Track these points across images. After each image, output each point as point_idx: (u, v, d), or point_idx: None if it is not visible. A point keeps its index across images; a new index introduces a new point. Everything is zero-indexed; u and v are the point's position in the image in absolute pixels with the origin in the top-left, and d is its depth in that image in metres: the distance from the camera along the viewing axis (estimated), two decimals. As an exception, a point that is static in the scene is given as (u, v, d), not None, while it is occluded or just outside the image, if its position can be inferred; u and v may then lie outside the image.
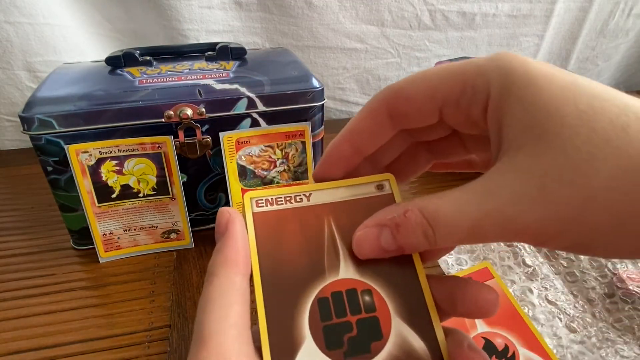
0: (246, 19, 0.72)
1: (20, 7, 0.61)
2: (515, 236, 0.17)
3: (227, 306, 0.18)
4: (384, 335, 0.20)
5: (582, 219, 0.15)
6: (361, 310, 0.20)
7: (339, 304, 0.20)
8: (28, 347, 0.40)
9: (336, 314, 0.20)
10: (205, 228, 0.53)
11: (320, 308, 0.20)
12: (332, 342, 0.19)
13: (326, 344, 0.19)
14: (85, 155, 0.44)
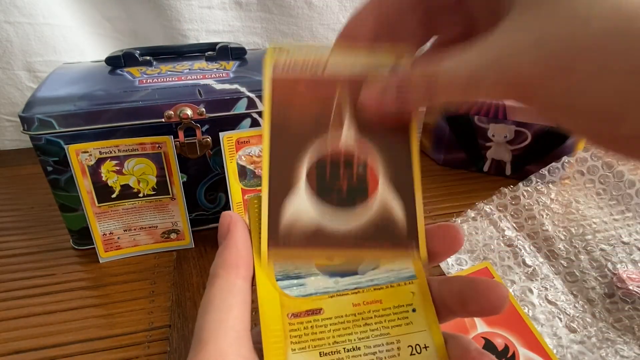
0: (246, 19, 0.72)
1: (20, 7, 0.61)
2: (507, 87, 0.17)
3: (227, 309, 0.19)
4: (369, 198, 0.21)
5: (572, 66, 0.15)
6: (353, 178, 0.22)
7: (335, 169, 0.22)
8: (28, 347, 0.40)
9: (331, 177, 0.22)
10: (205, 228, 0.53)
11: (318, 168, 0.21)
12: (323, 192, 0.21)
13: (318, 192, 0.21)
14: (85, 155, 0.44)
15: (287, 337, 0.20)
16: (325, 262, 0.22)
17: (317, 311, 0.21)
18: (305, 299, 0.21)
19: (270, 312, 0.20)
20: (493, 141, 0.62)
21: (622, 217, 0.53)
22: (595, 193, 0.55)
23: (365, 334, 0.20)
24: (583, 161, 0.55)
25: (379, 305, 0.21)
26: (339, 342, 0.20)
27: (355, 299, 0.21)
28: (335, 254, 0.21)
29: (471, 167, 0.65)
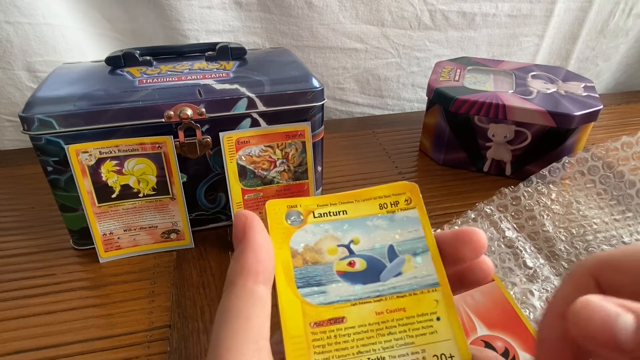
0: (246, 19, 0.72)
1: (20, 7, 0.61)
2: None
3: (246, 319, 0.17)
4: None
5: None
6: None
7: None
8: (28, 347, 0.40)
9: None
10: (205, 228, 0.53)
11: None
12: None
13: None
14: (85, 155, 0.44)
15: (310, 347, 0.20)
16: (346, 268, 0.21)
17: (340, 320, 0.20)
18: (328, 307, 0.20)
19: (293, 321, 0.20)
20: (493, 141, 0.62)
21: (623, 217, 0.53)
22: (595, 193, 0.55)
23: (390, 344, 0.20)
24: (584, 161, 0.55)
25: (403, 313, 0.21)
26: (363, 352, 0.20)
27: (378, 307, 0.21)
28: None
29: (471, 167, 0.65)
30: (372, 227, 0.22)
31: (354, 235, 0.22)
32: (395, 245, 0.22)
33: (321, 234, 0.22)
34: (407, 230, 0.22)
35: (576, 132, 0.59)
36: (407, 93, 0.86)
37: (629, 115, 0.84)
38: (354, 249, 0.22)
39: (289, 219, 0.22)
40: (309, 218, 0.22)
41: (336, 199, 0.23)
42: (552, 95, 0.61)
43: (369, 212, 0.23)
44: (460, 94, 0.60)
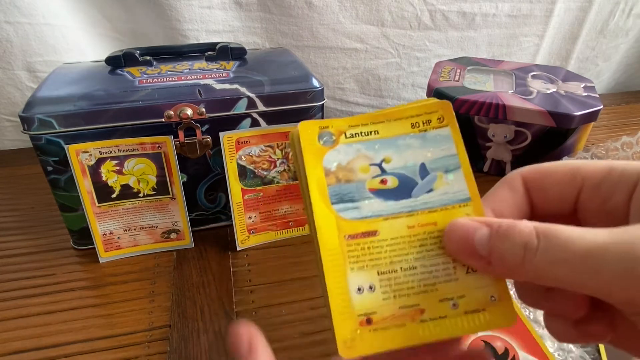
0: (246, 19, 0.72)
1: (20, 7, 0.61)
2: (634, 282, 0.15)
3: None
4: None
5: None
6: None
7: None
8: (28, 347, 0.40)
9: None
10: (205, 228, 0.53)
11: None
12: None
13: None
14: (85, 155, 0.44)
15: (346, 257, 0.21)
16: (378, 185, 0.22)
17: (373, 233, 0.21)
18: (361, 222, 0.21)
19: (329, 234, 0.21)
20: (493, 141, 0.62)
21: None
22: (595, 193, 0.55)
23: (421, 254, 0.21)
24: (583, 161, 0.55)
25: (434, 227, 0.21)
26: (396, 261, 0.21)
27: (410, 221, 0.21)
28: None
29: (471, 167, 0.65)
30: (404, 145, 0.23)
31: (385, 154, 0.23)
32: (427, 163, 0.23)
33: (353, 154, 0.22)
34: (439, 148, 0.23)
35: (576, 132, 0.59)
36: (407, 93, 0.86)
37: (629, 115, 0.84)
38: (385, 167, 0.22)
39: (321, 139, 0.23)
40: (341, 138, 0.23)
41: (368, 119, 0.23)
42: (552, 95, 0.61)
43: (401, 131, 0.23)
44: (460, 94, 0.60)
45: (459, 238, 0.19)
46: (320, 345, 0.40)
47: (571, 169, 0.20)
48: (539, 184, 0.21)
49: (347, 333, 0.20)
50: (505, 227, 0.18)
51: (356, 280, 0.21)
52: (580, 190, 0.20)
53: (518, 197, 0.21)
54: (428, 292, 0.21)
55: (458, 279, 0.21)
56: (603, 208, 0.19)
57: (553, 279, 0.17)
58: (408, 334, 0.20)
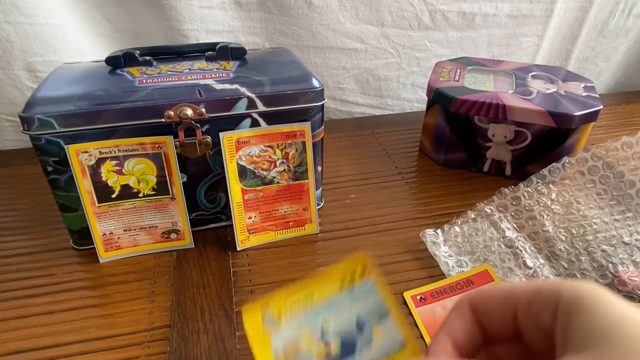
0: (246, 19, 0.72)
1: (20, 7, 0.61)
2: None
3: None
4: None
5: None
6: None
7: None
8: (28, 347, 0.40)
9: None
10: (205, 228, 0.53)
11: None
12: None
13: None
14: (85, 155, 0.44)
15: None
16: (324, 353, 0.23)
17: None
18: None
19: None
20: (493, 141, 0.62)
21: (623, 217, 0.53)
22: (595, 193, 0.55)
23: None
24: (583, 161, 0.55)
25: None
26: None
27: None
28: None
29: (471, 167, 0.65)
30: (338, 306, 0.24)
31: (324, 317, 0.24)
32: (362, 314, 0.24)
33: (296, 330, 0.24)
34: (367, 299, 0.24)
35: (576, 132, 0.59)
36: (407, 93, 0.86)
37: (629, 115, 0.84)
38: (326, 331, 0.24)
39: (265, 322, 0.24)
40: (283, 317, 0.25)
41: (303, 286, 0.25)
42: (552, 96, 0.61)
43: (332, 289, 0.25)
44: (460, 94, 0.60)
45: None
46: (320, 345, 0.40)
47: (506, 291, 0.21)
48: (482, 308, 0.22)
49: None
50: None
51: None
52: (515, 311, 0.21)
53: (468, 323, 0.23)
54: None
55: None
56: (538, 328, 0.20)
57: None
58: None
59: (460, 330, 0.23)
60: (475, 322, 0.23)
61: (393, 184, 0.63)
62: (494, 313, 0.22)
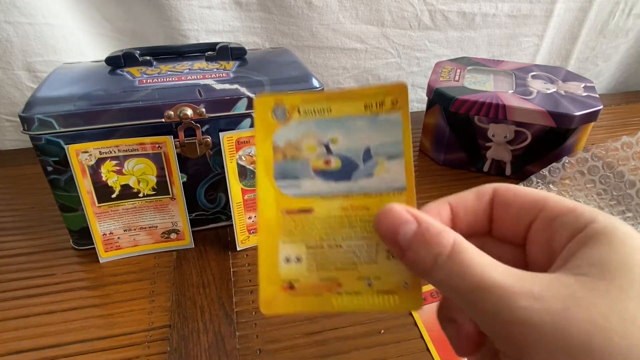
0: (246, 19, 0.72)
1: (20, 7, 0.61)
2: (509, 327, 0.16)
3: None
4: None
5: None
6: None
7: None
8: (28, 347, 0.40)
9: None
10: (205, 228, 0.53)
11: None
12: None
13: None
14: (85, 155, 0.44)
15: (280, 229, 0.23)
16: (322, 166, 0.23)
17: (309, 210, 0.23)
18: (299, 199, 0.23)
19: (267, 207, 0.23)
20: (493, 141, 0.62)
21: (623, 217, 0.53)
22: (595, 193, 0.55)
23: (349, 235, 0.23)
24: (583, 161, 0.55)
25: (366, 211, 0.23)
26: (325, 239, 0.23)
27: (345, 203, 0.23)
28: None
29: (471, 167, 0.65)
30: (354, 127, 0.23)
31: (334, 134, 0.23)
32: (372, 148, 0.23)
33: (303, 132, 0.23)
34: (386, 134, 0.23)
35: (576, 132, 0.59)
36: (407, 93, 0.86)
37: (629, 115, 0.84)
38: (332, 148, 0.23)
39: (274, 114, 0.23)
40: (294, 115, 0.23)
41: (323, 97, 0.23)
42: (552, 96, 0.61)
43: (353, 112, 0.23)
44: (460, 94, 0.60)
45: (387, 223, 0.20)
46: (320, 345, 0.40)
47: (538, 196, 0.20)
48: (504, 201, 0.21)
49: (270, 294, 0.23)
50: (429, 234, 0.19)
51: (286, 252, 0.23)
52: (535, 218, 0.20)
53: (481, 207, 0.22)
54: (348, 269, 0.23)
55: (378, 262, 0.22)
56: (549, 245, 0.19)
57: (448, 295, 0.19)
58: (323, 302, 0.22)
59: (468, 208, 0.22)
60: (488, 211, 0.22)
61: (393, 184, 0.63)
62: (513, 211, 0.21)
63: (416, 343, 0.40)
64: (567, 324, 0.15)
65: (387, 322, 0.42)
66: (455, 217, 0.22)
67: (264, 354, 0.39)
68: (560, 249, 0.18)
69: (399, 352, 0.39)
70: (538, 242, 0.20)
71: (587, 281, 0.16)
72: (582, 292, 0.16)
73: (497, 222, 0.22)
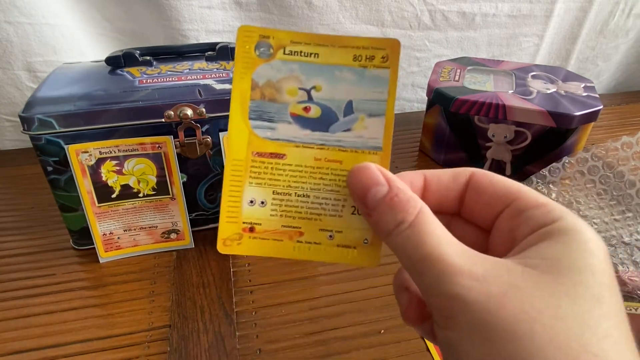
0: (246, 19, 0.72)
1: (20, 7, 0.61)
2: (446, 302, 0.17)
3: None
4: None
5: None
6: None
7: None
8: (28, 347, 0.40)
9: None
10: (205, 228, 0.53)
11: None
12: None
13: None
14: (85, 155, 0.44)
15: (248, 171, 0.22)
16: (300, 112, 0.22)
17: (281, 156, 0.22)
18: (272, 143, 0.22)
19: (237, 147, 0.22)
20: (493, 141, 0.62)
21: (623, 217, 0.53)
22: (595, 193, 0.55)
23: (318, 187, 0.22)
24: (583, 161, 0.55)
25: (338, 165, 0.23)
26: (293, 186, 0.22)
27: (318, 154, 0.23)
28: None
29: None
30: (339, 78, 0.22)
31: (318, 81, 0.22)
32: (355, 102, 0.23)
33: (286, 73, 0.22)
34: (372, 89, 0.23)
35: (576, 132, 0.59)
36: (407, 93, 0.86)
37: (629, 115, 0.84)
38: (313, 95, 0.23)
39: (258, 49, 0.22)
40: (279, 53, 0.22)
41: (312, 39, 0.22)
42: (552, 96, 0.61)
43: (341, 61, 0.22)
44: (460, 94, 0.60)
45: (360, 181, 0.21)
46: (320, 345, 0.40)
47: (514, 188, 0.21)
48: (480, 186, 0.22)
49: (228, 234, 0.22)
50: (397, 199, 0.19)
51: (251, 194, 0.22)
52: (505, 208, 0.21)
53: (455, 187, 0.22)
54: (312, 220, 0.23)
55: (342, 216, 0.23)
56: (511, 234, 0.20)
57: (400, 259, 0.19)
58: (282, 248, 0.22)
59: (442, 185, 0.22)
60: (461, 193, 0.22)
61: (393, 184, 0.63)
62: (486, 197, 0.21)
63: (416, 343, 0.40)
64: (499, 308, 0.16)
65: (387, 322, 0.42)
66: (427, 190, 0.22)
67: (264, 354, 0.39)
68: (521, 239, 0.19)
69: (399, 352, 0.39)
70: (503, 229, 0.21)
71: (533, 273, 0.16)
72: (524, 282, 0.16)
73: (468, 204, 0.22)
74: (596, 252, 0.17)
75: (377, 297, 0.44)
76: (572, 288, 0.16)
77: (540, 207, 0.19)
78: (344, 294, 0.45)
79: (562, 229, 0.18)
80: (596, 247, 0.17)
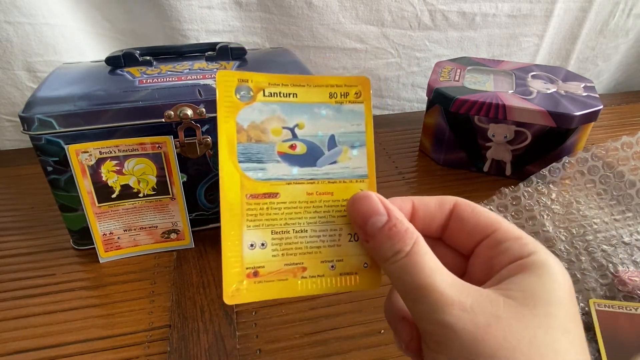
0: (246, 19, 0.72)
1: (20, 7, 0.61)
2: (438, 329, 0.19)
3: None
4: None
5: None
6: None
7: None
8: (28, 347, 0.40)
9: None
10: (205, 228, 0.53)
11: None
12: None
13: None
14: (85, 155, 0.44)
15: (244, 214, 0.22)
16: (287, 150, 0.23)
17: (274, 195, 0.23)
18: (264, 183, 0.23)
19: (231, 191, 0.22)
20: (493, 141, 0.62)
21: (623, 217, 0.53)
22: (595, 193, 0.55)
23: (314, 220, 0.23)
24: (584, 161, 0.55)
25: (330, 197, 0.23)
26: (290, 223, 0.23)
27: (310, 188, 0.23)
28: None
29: (471, 167, 0.65)
30: (319, 114, 0.24)
31: (300, 119, 0.23)
32: (337, 136, 0.24)
33: (268, 114, 0.23)
34: (350, 122, 0.24)
35: (576, 132, 0.59)
36: (407, 93, 0.86)
37: (629, 115, 0.84)
38: (297, 133, 0.23)
39: (238, 93, 0.23)
40: (259, 95, 0.23)
41: (289, 80, 0.23)
42: (552, 95, 0.61)
43: (318, 99, 0.24)
44: (460, 94, 0.60)
45: (361, 209, 0.22)
46: (320, 345, 0.40)
47: (494, 220, 0.22)
48: (462, 216, 0.23)
49: (234, 283, 0.22)
50: (396, 229, 0.21)
51: (250, 237, 0.22)
52: (484, 238, 0.22)
53: (439, 215, 0.24)
54: (313, 253, 0.23)
55: (341, 245, 0.23)
56: (489, 262, 0.22)
57: (395, 285, 0.21)
58: (288, 287, 0.23)
59: (428, 212, 0.24)
60: (445, 220, 0.24)
61: (393, 184, 0.63)
62: (468, 227, 0.23)
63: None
64: (484, 336, 0.18)
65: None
66: (415, 215, 0.24)
67: (264, 354, 0.39)
68: (500, 269, 0.21)
69: (398, 352, 0.39)
70: (482, 257, 0.22)
71: (512, 304, 0.19)
72: (505, 313, 0.18)
73: (450, 231, 0.24)
74: (563, 284, 0.20)
75: (377, 297, 0.44)
76: (544, 319, 0.18)
77: (518, 240, 0.21)
78: (344, 294, 0.45)
79: (536, 263, 0.20)
80: (563, 280, 0.20)
